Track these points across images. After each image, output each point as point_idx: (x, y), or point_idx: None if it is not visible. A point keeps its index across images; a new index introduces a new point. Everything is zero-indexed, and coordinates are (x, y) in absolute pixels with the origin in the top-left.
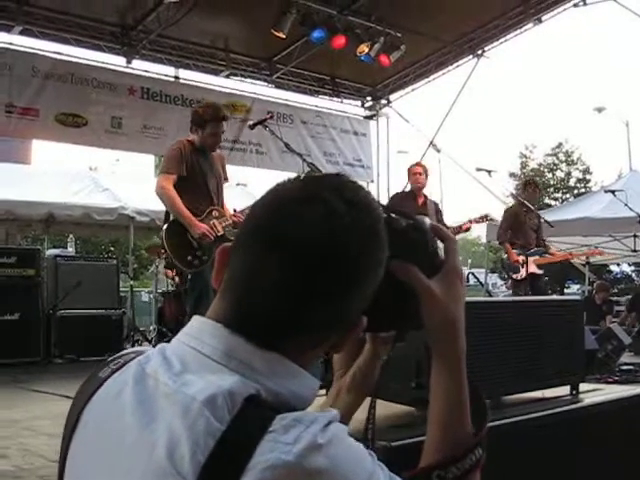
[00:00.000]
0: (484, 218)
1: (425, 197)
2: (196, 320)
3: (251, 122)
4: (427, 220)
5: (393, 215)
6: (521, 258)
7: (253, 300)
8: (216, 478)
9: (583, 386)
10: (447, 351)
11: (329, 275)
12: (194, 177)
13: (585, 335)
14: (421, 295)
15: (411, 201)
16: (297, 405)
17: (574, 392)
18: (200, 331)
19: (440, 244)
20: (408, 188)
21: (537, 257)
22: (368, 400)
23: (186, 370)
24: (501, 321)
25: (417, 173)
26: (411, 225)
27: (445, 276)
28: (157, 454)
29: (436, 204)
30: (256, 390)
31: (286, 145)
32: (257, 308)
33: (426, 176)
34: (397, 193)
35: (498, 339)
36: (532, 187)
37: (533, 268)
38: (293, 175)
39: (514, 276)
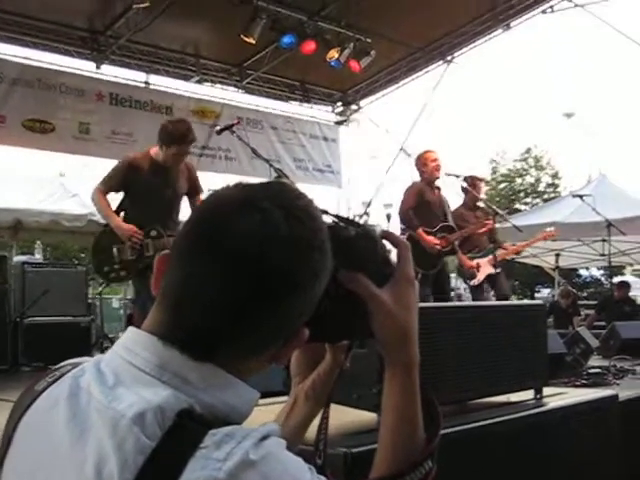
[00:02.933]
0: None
1: (439, 189)
2: (130, 331)
3: (218, 128)
4: (378, 228)
5: (341, 224)
6: (475, 263)
7: (186, 310)
8: None
9: (547, 390)
10: (399, 361)
11: (262, 287)
12: (142, 193)
13: (553, 339)
14: (370, 304)
15: (430, 194)
16: (234, 418)
17: (538, 396)
18: (134, 343)
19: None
20: (418, 179)
21: (490, 257)
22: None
23: (119, 384)
24: (464, 327)
25: (435, 160)
26: (360, 233)
27: (396, 284)
28: (86, 472)
29: (446, 198)
30: (189, 404)
31: (253, 150)
32: (190, 319)
33: None
34: (415, 184)
35: (462, 344)
36: (474, 183)
37: (489, 269)
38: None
39: (471, 282)
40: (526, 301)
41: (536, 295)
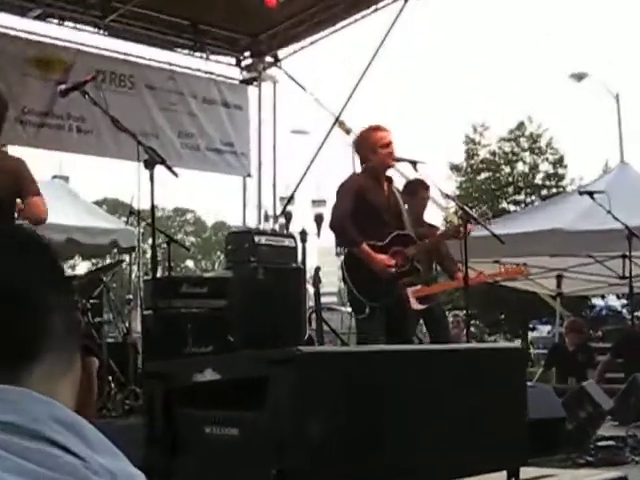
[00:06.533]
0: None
1: (391, 182)
2: None
3: (63, 86)
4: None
5: None
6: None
7: None
8: None
9: (529, 471)
10: None
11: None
12: None
13: (545, 397)
14: None
15: (378, 191)
16: None
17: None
18: None
19: None
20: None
21: (418, 287)
22: None
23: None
24: (406, 382)
25: (389, 144)
26: None
27: None
28: None
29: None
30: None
31: (113, 120)
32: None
33: None
34: (353, 177)
35: (403, 407)
36: (423, 187)
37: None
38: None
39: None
40: (498, 343)
41: (530, 334)
